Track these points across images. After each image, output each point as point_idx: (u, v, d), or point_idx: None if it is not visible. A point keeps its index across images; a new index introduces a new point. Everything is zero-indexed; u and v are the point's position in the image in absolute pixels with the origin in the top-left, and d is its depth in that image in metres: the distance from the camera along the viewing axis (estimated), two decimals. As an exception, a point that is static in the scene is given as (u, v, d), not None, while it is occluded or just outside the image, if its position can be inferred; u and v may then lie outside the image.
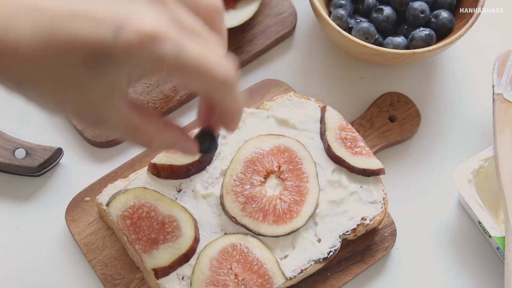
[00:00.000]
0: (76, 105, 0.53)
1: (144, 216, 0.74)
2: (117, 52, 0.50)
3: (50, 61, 0.50)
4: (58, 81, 0.51)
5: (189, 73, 0.53)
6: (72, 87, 0.52)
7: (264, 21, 0.91)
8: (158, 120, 0.58)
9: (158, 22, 0.51)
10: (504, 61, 0.84)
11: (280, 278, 0.73)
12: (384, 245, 0.80)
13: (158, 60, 0.51)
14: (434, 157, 0.87)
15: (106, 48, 0.50)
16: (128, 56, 0.50)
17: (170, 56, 0.51)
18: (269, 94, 0.87)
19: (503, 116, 0.81)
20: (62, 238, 0.80)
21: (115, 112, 0.54)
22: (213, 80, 0.54)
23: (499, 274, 0.81)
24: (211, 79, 0.54)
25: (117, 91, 0.53)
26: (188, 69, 0.52)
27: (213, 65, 0.53)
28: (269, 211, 0.75)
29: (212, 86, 0.55)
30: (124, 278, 0.77)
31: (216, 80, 0.54)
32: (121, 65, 0.51)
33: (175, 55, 0.51)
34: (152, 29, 0.50)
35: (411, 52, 0.81)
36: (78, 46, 0.50)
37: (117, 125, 0.55)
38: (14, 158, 0.81)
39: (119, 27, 0.49)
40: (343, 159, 0.79)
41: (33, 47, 0.49)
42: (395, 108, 0.87)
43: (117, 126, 0.56)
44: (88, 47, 0.50)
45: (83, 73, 0.51)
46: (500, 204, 0.81)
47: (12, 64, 0.50)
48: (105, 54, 0.50)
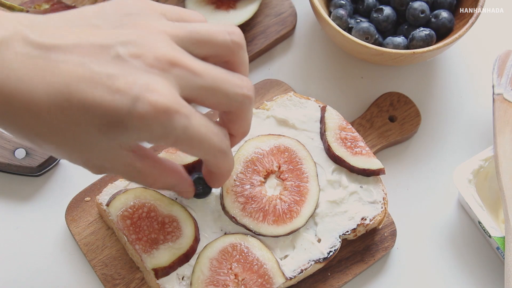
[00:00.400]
0: (85, 158, 0.57)
1: (144, 216, 0.74)
2: (131, 121, 0.53)
3: (63, 120, 0.52)
4: (69, 140, 0.54)
5: (193, 144, 0.57)
6: (82, 145, 0.55)
7: (264, 21, 0.91)
8: (161, 163, 0.62)
9: (172, 95, 0.54)
10: (504, 61, 0.84)
11: (280, 278, 0.73)
12: (384, 245, 0.80)
13: (168, 131, 0.55)
14: (434, 157, 0.87)
15: (121, 116, 0.53)
16: (141, 125, 0.53)
17: (179, 129, 0.55)
18: (269, 94, 0.87)
19: (503, 116, 0.81)
20: (62, 238, 0.80)
21: (121, 162, 0.58)
22: (211, 150, 0.60)
23: (499, 274, 0.81)
24: (209, 149, 0.59)
25: (124, 147, 0.56)
26: (192, 141, 0.57)
27: (213, 137, 0.59)
28: (269, 211, 0.75)
29: (209, 154, 0.60)
30: (124, 278, 0.77)
31: (213, 149, 0.60)
32: (133, 132, 0.54)
33: (183, 128, 0.55)
34: (167, 103, 0.54)
35: (411, 52, 0.81)
36: (92, 111, 0.52)
37: (122, 172, 0.59)
38: (14, 158, 0.81)
39: (136, 99, 0.52)
40: (343, 159, 0.79)
41: (47, 105, 0.52)
42: (395, 108, 0.87)
43: (122, 172, 0.59)
44: (102, 114, 0.52)
45: (95, 135, 0.54)
46: (500, 204, 0.81)
47: (25, 119, 0.52)
48: (119, 121, 0.53)
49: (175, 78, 0.55)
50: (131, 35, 0.55)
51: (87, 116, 0.52)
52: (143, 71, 0.54)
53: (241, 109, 0.61)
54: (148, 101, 0.53)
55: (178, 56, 0.56)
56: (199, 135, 0.57)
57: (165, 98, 0.54)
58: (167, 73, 0.55)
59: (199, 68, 0.57)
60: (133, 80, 0.53)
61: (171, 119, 0.54)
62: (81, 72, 0.52)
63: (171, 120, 0.54)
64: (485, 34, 0.94)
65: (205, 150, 0.59)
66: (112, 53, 0.53)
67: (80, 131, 0.53)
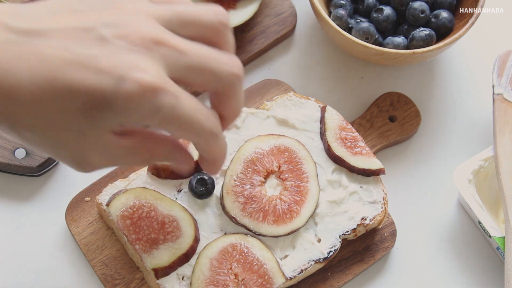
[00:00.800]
0: (71, 150, 0.55)
1: (144, 216, 0.74)
2: (117, 101, 0.51)
3: (47, 106, 0.51)
4: (54, 127, 0.52)
5: (181, 125, 0.55)
6: (67, 132, 0.53)
7: (264, 21, 0.91)
8: (151, 134, 0.60)
9: (158, 74, 0.53)
10: (504, 61, 0.84)
11: (280, 278, 0.73)
12: (384, 245, 0.80)
13: (155, 110, 0.53)
14: (434, 157, 0.87)
15: (106, 96, 0.51)
16: (127, 105, 0.52)
17: (166, 107, 0.53)
18: (269, 94, 0.87)
19: (503, 116, 0.81)
20: (62, 238, 0.80)
21: (109, 148, 0.56)
22: (201, 132, 0.57)
23: (499, 274, 0.81)
24: (199, 131, 0.57)
25: (108, 131, 0.54)
26: (181, 122, 0.55)
27: (203, 118, 0.56)
28: (269, 211, 0.75)
29: (200, 136, 0.58)
30: (124, 278, 0.77)
31: (204, 132, 0.57)
32: (119, 112, 0.52)
33: (171, 107, 0.53)
34: (153, 81, 0.52)
35: (411, 52, 0.81)
36: (76, 93, 0.51)
37: (113, 158, 0.57)
38: (14, 158, 0.81)
39: (121, 78, 0.51)
40: (343, 159, 0.79)
41: (31, 91, 0.50)
42: (395, 108, 0.87)
43: (113, 159, 0.57)
44: (87, 95, 0.51)
45: (80, 119, 0.52)
46: (500, 204, 0.81)
47: (9, 107, 0.51)
48: (104, 102, 0.51)
49: (161, 57, 0.54)
50: (115, 17, 0.54)
51: (72, 100, 0.51)
52: (128, 50, 0.53)
53: (230, 88, 0.59)
54: (134, 80, 0.52)
55: (164, 35, 0.55)
56: (188, 115, 0.55)
57: (151, 76, 0.52)
58: (153, 51, 0.54)
59: (186, 47, 0.56)
60: (118, 59, 0.52)
61: (158, 97, 0.52)
62: (64, 55, 0.51)
63: (158, 98, 0.52)
64: (485, 34, 0.94)
65: (194, 132, 0.57)
66: (95, 35, 0.53)
67: (64, 117, 0.52)
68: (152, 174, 0.78)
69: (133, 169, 0.81)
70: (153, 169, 0.77)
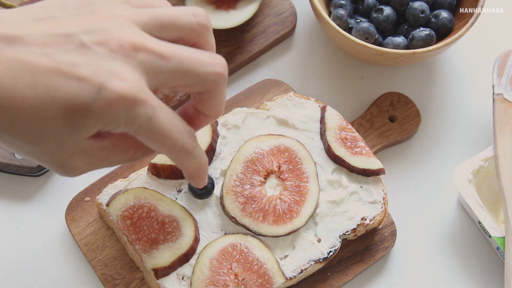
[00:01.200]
0: (52, 156, 0.55)
1: (144, 216, 0.74)
2: (95, 109, 0.52)
3: (28, 112, 0.51)
4: (34, 133, 0.53)
5: (154, 138, 0.56)
6: (47, 138, 0.53)
7: (264, 21, 0.91)
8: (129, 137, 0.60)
9: (137, 84, 0.53)
10: (504, 61, 0.84)
11: (280, 278, 0.73)
12: (384, 245, 0.80)
13: (132, 120, 0.54)
14: (434, 157, 0.87)
15: (86, 104, 0.52)
16: (105, 113, 0.52)
17: (142, 118, 0.54)
18: (269, 94, 0.87)
19: (503, 116, 0.81)
20: (62, 238, 0.80)
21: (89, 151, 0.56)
22: (173, 148, 0.58)
23: (499, 274, 0.81)
24: (171, 147, 0.57)
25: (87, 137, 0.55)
26: (154, 135, 0.55)
27: (176, 135, 0.57)
28: (269, 211, 0.75)
29: (172, 152, 0.58)
30: (124, 278, 0.77)
31: (176, 148, 0.58)
32: (98, 119, 0.53)
33: (147, 119, 0.54)
34: (131, 91, 0.53)
35: (411, 52, 0.81)
36: (57, 101, 0.52)
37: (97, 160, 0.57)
38: (14, 158, 0.81)
39: (101, 87, 0.52)
40: (343, 159, 0.79)
41: (11, 97, 0.51)
42: (395, 108, 0.87)
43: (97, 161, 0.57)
44: (67, 103, 0.52)
45: (59, 126, 0.53)
46: (500, 204, 0.81)
47: None
48: (84, 110, 0.52)
49: (141, 64, 0.54)
50: (94, 23, 0.55)
51: (52, 106, 0.52)
52: (108, 57, 0.53)
53: (214, 87, 0.59)
54: (112, 89, 0.52)
55: (142, 40, 0.55)
56: (162, 130, 0.55)
57: (130, 85, 0.53)
58: (132, 59, 0.54)
59: (165, 50, 0.56)
60: (98, 68, 0.53)
61: (135, 107, 0.53)
62: (45, 62, 0.52)
63: (135, 109, 0.53)
64: (485, 34, 0.94)
65: (166, 146, 0.57)
66: (75, 42, 0.53)
67: (44, 124, 0.52)
68: (152, 174, 0.78)
69: (133, 169, 0.81)
70: (153, 169, 0.77)
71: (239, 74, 0.90)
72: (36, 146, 0.54)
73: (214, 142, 0.79)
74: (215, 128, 0.80)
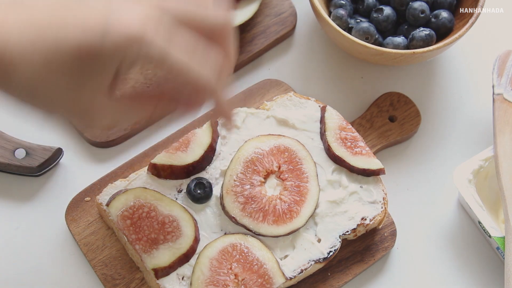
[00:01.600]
0: (68, 108, 0.55)
1: (144, 216, 0.74)
2: (104, 53, 0.52)
3: (37, 65, 0.51)
4: (47, 86, 0.53)
5: (174, 73, 0.54)
6: (60, 90, 0.53)
7: (264, 21, 0.91)
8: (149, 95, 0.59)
9: (145, 23, 0.52)
10: (504, 61, 0.84)
11: (280, 278, 0.73)
12: (384, 245, 0.80)
13: (145, 57, 0.53)
14: (434, 157, 0.87)
15: (94, 50, 0.51)
16: (114, 55, 0.52)
17: (156, 57, 0.53)
18: (269, 94, 0.87)
19: (503, 116, 0.81)
20: (62, 238, 0.80)
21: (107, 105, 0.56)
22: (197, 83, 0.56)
23: (499, 274, 0.81)
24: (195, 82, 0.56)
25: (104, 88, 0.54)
26: (173, 70, 0.54)
27: (196, 70, 0.55)
28: (269, 211, 0.75)
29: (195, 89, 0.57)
30: (124, 278, 0.77)
31: (199, 84, 0.56)
32: (108, 63, 0.52)
33: (161, 57, 0.53)
34: (139, 31, 0.52)
35: (411, 52, 0.81)
36: (64, 50, 0.51)
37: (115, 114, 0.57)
38: (14, 158, 0.81)
39: (106, 31, 0.51)
40: (343, 159, 0.79)
41: (20, 52, 0.51)
42: (395, 108, 0.87)
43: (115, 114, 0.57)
44: (75, 50, 0.51)
45: (71, 76, 0.52)
46: (500, 204, 0.81)
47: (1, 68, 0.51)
48: (92, 55, 0.52)
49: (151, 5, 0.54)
50: None
51: (60, 56, 0.51)
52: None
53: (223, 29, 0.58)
54: (119, 32, 0.51)
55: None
56: (180, 66, 0.54)
57: (137, 24, 0.52)
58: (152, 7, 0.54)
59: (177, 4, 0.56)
60: (105, 9, 0.52)
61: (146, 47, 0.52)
62: (52, 18, 0.52)
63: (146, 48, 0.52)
64: (485, 34, 0.94)
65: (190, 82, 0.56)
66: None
67: (55, 75, 0.52)
68: (152, 174, 0.78)
69: (133, 169, 0.81)
70: (153, 169, 0.77)
71: (239, 74, 0.90)
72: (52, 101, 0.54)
73: (214, 142, 0.79)
74: (215, 128, 0.80)
